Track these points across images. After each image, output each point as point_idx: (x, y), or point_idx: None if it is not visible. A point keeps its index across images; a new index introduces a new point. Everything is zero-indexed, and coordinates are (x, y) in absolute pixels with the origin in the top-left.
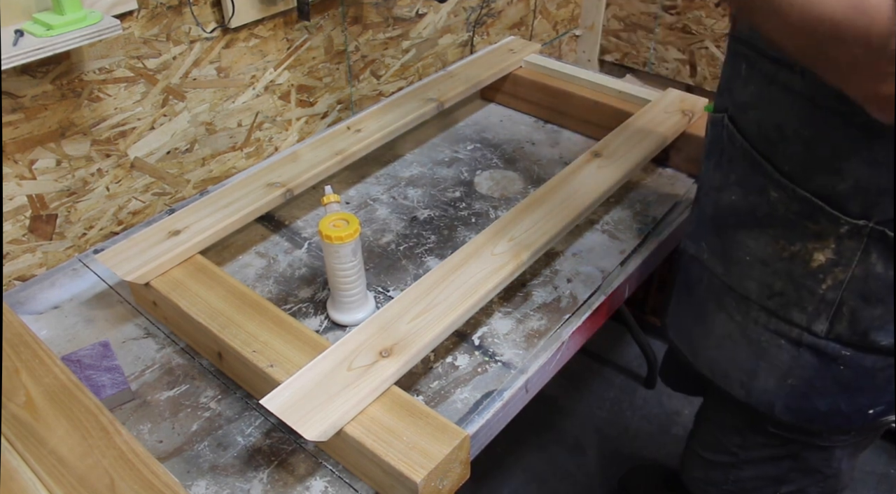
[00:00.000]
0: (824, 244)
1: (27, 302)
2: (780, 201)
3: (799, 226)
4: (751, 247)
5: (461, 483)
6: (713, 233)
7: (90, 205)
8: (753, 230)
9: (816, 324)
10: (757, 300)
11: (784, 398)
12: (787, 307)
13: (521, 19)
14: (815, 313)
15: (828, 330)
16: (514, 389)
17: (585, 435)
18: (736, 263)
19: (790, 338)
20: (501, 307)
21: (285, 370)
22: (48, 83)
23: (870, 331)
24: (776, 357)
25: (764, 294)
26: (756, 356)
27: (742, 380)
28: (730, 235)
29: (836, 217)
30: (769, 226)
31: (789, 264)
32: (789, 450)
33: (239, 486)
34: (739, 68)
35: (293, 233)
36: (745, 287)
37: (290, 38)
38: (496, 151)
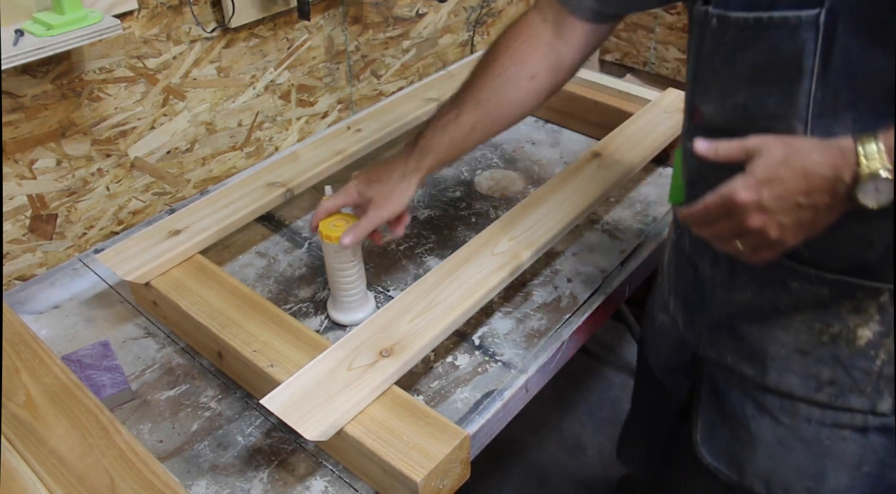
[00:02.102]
0: (867, 317)
1: (27, 302)
2: (804, 290)
3: (833, 307)
4: (782, 339)
5: (461, 482)
6: (730, 333)
7: (90, 204)
8: (780, 321)
9: (881, 404)
10: (804, 395)
11: (859, 488)
12: (842, 395)
13: None
14: (878, 392)
15: (894, 405)
16: (514, 389)
17: (585, 435)
18: (770, 359)
19: (854, 427)
20: (502, 307)
21: (285, 370)
22: (48, 83)
23: None
24: (843, 451)
25: (811, 387)
26: (819, 456)
27: (809, 487)
28: (753, 334)
29: (872, 288)
30: (798, 314)
31: (832, 348)
32: None
33: (239, 486)
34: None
35: (293, 233)
36: (786, 383)
37: (290, 38)
38: (496, 151)
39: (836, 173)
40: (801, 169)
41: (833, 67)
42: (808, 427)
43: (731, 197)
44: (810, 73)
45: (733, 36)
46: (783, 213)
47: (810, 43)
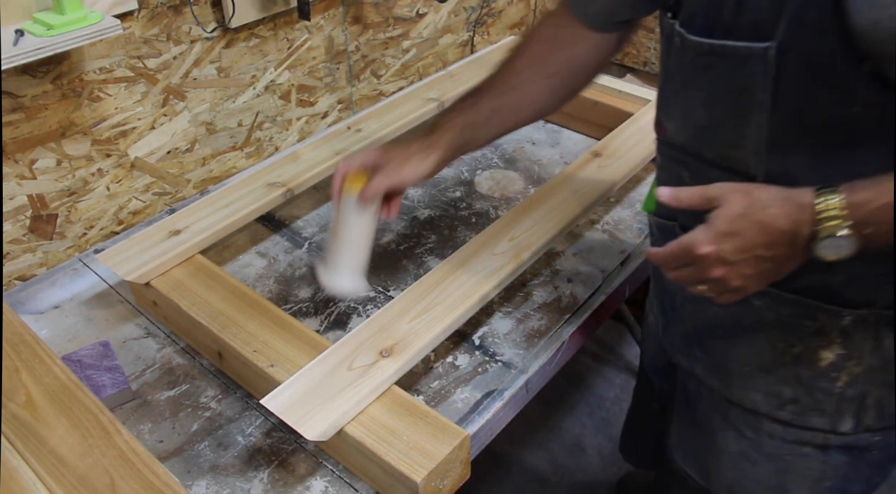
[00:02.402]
0: (829, 340)
1: (27, 302)
2: (766, 308)
3: (796, 327)
4: (746, 356)
5: (461, 482)
6: (700, 346)
7: (90, 204)
8: (745, 338)
9: (842, 424)
10: (767, 412)
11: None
12: (803, 414)
13: (522, 19)
14: (839, 413)
15: (855, 426)
16: (514, 389)
17: (585, 435)
18: (735, 375)
19: (815, 445)
20: (502, 307)
21: (285, 370)
22: (48, 83)
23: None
24: (805, 467)
25: (773, 404)
26: (780, 470)
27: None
28: (721, 348)
29: (835, 311)
30: (762, 332)
31: (794, 368)
32: None
33: (239, 486)
34: (679, 173)
35: (293, 233)
36: (750, 399)
37: (290, 38)
38: (496, 151)
39: (795, 228)
40: (760, 222)
41: (782, 103)
42: (771, 442)
43: (692, 249)
44: (760, 107)
45: (691, 58)
46: (744, 265)
47: (760, 76)
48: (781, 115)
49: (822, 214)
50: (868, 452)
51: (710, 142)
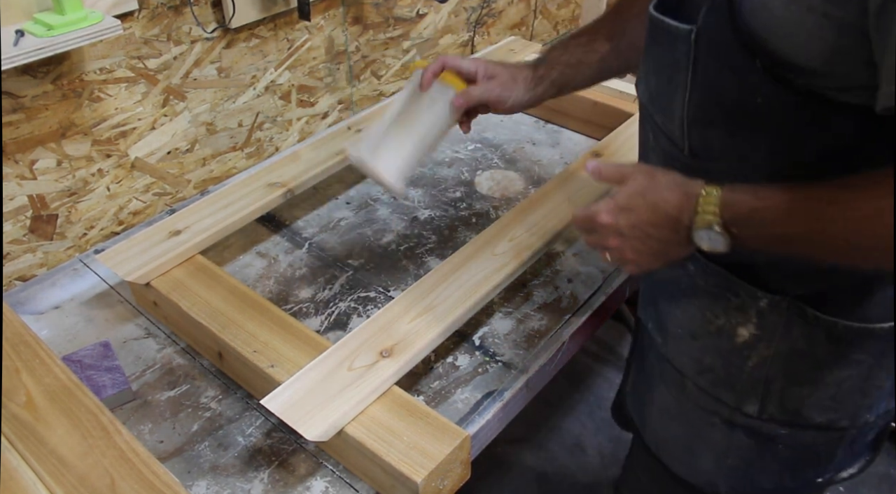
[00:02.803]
0: (746, 318)
1: (28, 302)
2: (698, 274)
3: (721, 299)
4: (680, 320)
5: (461, 483)
6: (651, 303)
7: (91, 205)
8: (681, 301)
9: (747, 405)
10: (690, 376)
11: (726, 478)
12: (717, 385)
13: (522, 19)
14: (745, 392)
15: (760, 410)
16: (514, 389)
17: (585, 435)
18: (671, 336)
19: (723, 418)
20: (502, 307)
21: (286, 370)
22: (49, 83)
23: (802, 410)
24: (711, 436)
25: (695, 369)
26: (693, 434)
27: (683, 458)
28: (663, 307)
29: (752, 291)
30: (694, 298)
31: (716, 339)
32: None
33: (239, 486)
34: (648, 135)
35: (293, 233)
36: (679, 360)
37: (290, 38)
38: (496, 151)
39: (678, 214)
40: (653, 203)
41: (700, 84)
42: (689, 405)
43: (594, 217)
44: (682, 85)
45: (649, 29)
46: (636, 239)
47: (684, 56)
48: (699, 95)
49: (700, 206)
50: (773, 444)
51: (656, 109)
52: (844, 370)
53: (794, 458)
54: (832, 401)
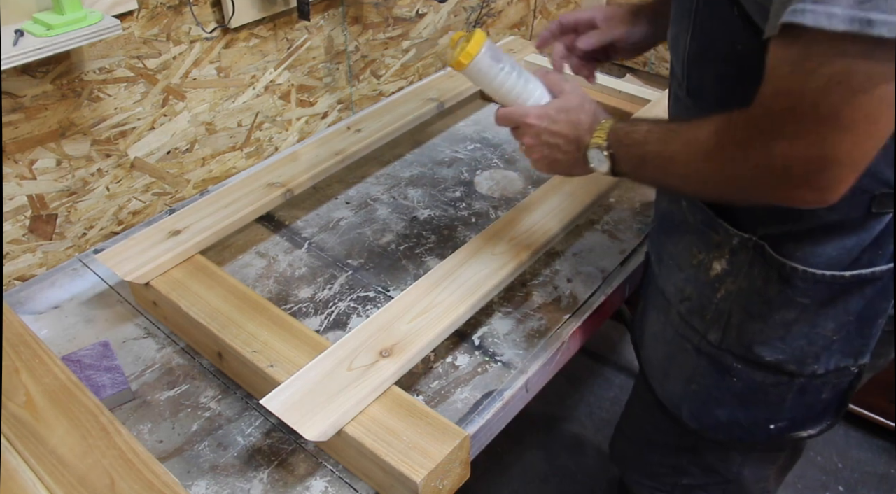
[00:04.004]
0: (721, 254)
1: (27, 302)
2: (688, 210)
3: (705, 236)
4: (671, 252)
5: (461, 482)
6: (656, 235)
7: (90, 204)
8: (674, 235)
9: (711, 333)
10: (674, 303)
11: (689, 403)
12: (692, 313)
13: (521, 19)
14: (712, 322)
15: (720, 340)
16: (514, 389)
17: (585, 435)
18: (664, 266)
19: (692, 344)
20: (501, 307)
21: (285, 370)
22: (48, 83)
23: (754, 346)
24: (683, 361)
25: (678, 297)
26: (669, 357)
27: (660, 379)
28: (661, 240)
29: (727, 229)
30: (685, 233)
31: (697, 271)
32: (686, 442)
33: (239, 486)
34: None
35: (293, 233)
36: (668, 289)
37: (290, 38)
38: (496, 151)
39: (584, 134)
40: (572, 121)
41: (697, 30)
42: (669, 330)
43: (524, 117)
44: (687, 29)
45: None
46: (546, 146)
47: (691, 4)
48: (697, 41)
49: (596, 131)
50: (729, 375)
51: (672, 53)
52: (790, 311)
53: (747, 394)
54: (781, 342)
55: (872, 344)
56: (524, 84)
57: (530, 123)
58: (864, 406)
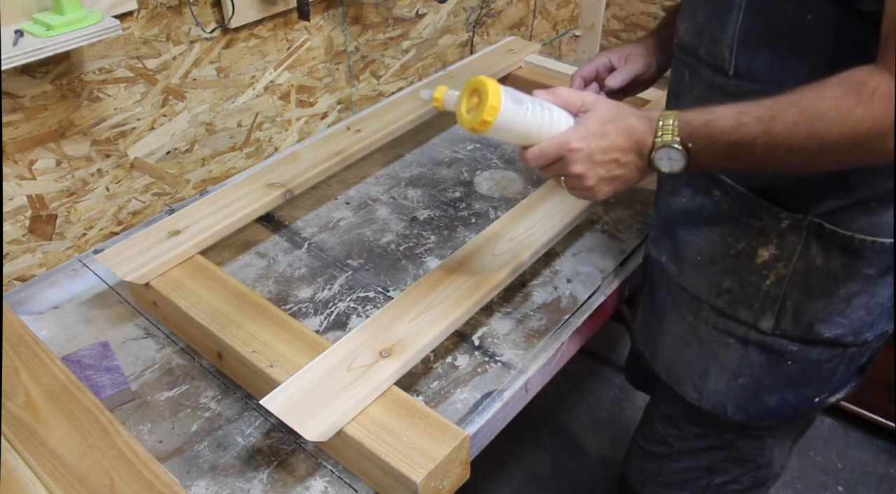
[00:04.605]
0: (767, 240)
1: (27, 302)
2: (723, 200)
3: (743, 224)
4: (700, 247)
5: (461, 483)
6: (668, 235)
7: (90, 205)
8: (703, 230)
9: (762, 321)
10: (707, 299)
11: (735, 398)
12: (734, 305)
13: (521, 19)
14: (761, 310)
15: (774, 326)
16: (514, 389)
17: (585, 435)
18: (688, 263)
19: (738, 337)
20: (501, 307)
21: (285, 370)
22: (48, 83)
23: (814, 324)
24: (725, 357)
25: (713, 292)
26: (707, 356)
27: (695, 383)
28: (682, 237)
29: (776, 212)
30: (716, 225)
31: (736, 261)
32: (723, 440)
33: (239, 486)
34: (683, 75)
35: (293, 233)
36: (696, 286)
37: (289, 38)
38: (496, 151)
39: (643, 137)
40: (624, 128)
41: (755, 4)
42: (705, 328)
43: (566, 144)
44: (738, 6)
45: None
46: (602, 165)
47: None
48: (753, 15)
49: (660, 128)
50: (783, 359)
51: (703, 39)
52: (855, 284)
53: (801, 374)
54: (841, 316)
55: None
56: (548, 114)
57: (577, 148)
58: (864, 406)
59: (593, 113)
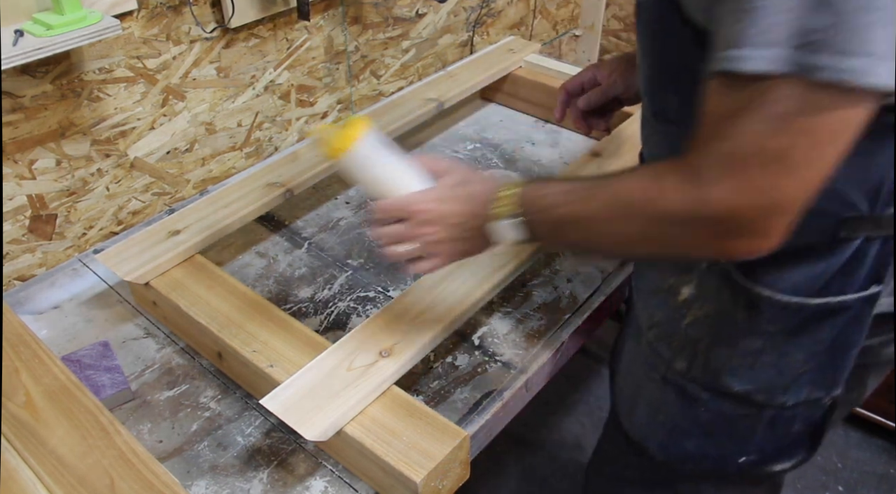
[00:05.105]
0: (689, 279)
1: (27, 302)
2: None
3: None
4: (647, 278)
5: (461, 483)
6: (637, 264)
7: (90, 204)
8: (648, 264)
9: (678, 361)
10: (644, 331)
11: (656, 435)
12: (659, 339)
13: (521, 19)
14: (679, 349)
15: (686, 368)
16: (514, 389)
17: (585, 435)
18: (640, 291)
19: (659, 373)
20: (501, 307)
21: (285, 370)
22: (48, 83)
23: (722, 374)
24: (649, 390)
25: (647, 324)
26: (636, 387)
27: (627, 411)
28: (640, 267)
29: None
30: None
31: (666, 295)
32: (660, 475)
33: (239, 486)
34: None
35: (293, 233)
36: (641, 315)
37: (289, 38)
38: (496, 151)
39: (485, 205)
40: (468, 194)
41: (650, 48)
42: (640, 359)
43: (409, 205)
44: (642, 52)
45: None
46: (443, 230)
47: (642, 24)
48: (652, 61)
49: (500, 197)
50: (697, 406)
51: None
52: (758, 339)
53: (715, 426)
54: (749, 371)
55: (845, 376)
56: (407, 172)
57: (421, 209)
58: (864, 406)
59: (446, 177)
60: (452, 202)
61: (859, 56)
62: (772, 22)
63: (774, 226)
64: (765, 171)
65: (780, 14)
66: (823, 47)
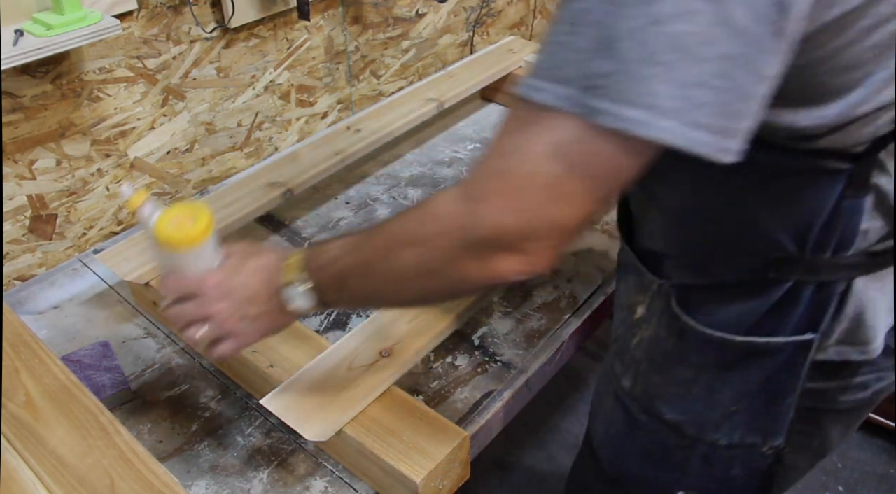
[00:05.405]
0: (643, 299)
1: (27, 302)
2: (624, 252)
3: (639, 280)
4: (620, 294)
5: (461, 483)
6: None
7: (90, 204)
8: (623, 277)
9: (625, 379)
10: (612, 342)
11: (605, 446)
12: (617, 354)
13: (521, 19)
14: (626, 367)
15: (630, 387)
16: (514, 389)
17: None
18: (616, 307)
19: (613, 388)
20: (501, 307)
21: (285, 370)
22: (48, 83)
23: (655, 399)
24: (606, 403)
25: (613, 336)
26: (596, 402)
27: (591, 417)
28: (617, 283)
29: (648, 276)
30: (629, 274)
31: (627, 312)
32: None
33: (239, 486)
34: None
35: (293, 233)
36: (612, 330)
37: (289, 38)
38: None
39: (273, 275)
40: (258, 265)
41: None
42: (605, 370)
43: (199, 283)
44: None
45: None
46: (237, 304)
47: None
48: None
49: (287, 264)
50: (637, 427)
51: None
52: (686, 370)
53: (652, 451)
54: (680, 402)
55: (783, 425)
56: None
57: (209, 284)
58: None
59: (235, 253)
60: (243, 274)
61: (639, 107)
62: (565, 59)
63: (539, 249)
64: (534, 195)
65: (571, 53)
66: (606, 93)
